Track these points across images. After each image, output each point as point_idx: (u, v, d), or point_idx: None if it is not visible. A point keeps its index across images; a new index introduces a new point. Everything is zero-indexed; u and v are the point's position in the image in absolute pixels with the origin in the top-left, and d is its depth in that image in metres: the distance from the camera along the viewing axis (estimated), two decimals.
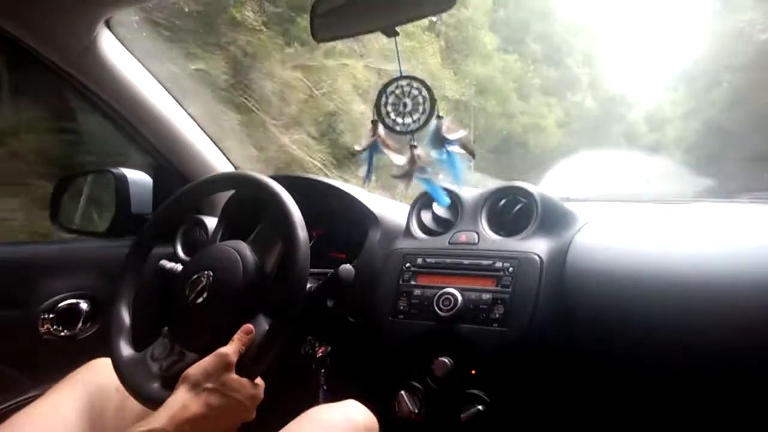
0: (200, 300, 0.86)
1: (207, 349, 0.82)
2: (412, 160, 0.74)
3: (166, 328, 0.91)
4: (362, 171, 0.78)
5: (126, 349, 0.91)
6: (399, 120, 0.73)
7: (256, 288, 0.87)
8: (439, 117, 0.72)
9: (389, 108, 0.74)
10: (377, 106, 0.74)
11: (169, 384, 0.83)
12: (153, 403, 0.81)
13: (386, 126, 0.74)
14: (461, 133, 0.73)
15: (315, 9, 0.79)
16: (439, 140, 0.72)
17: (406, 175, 0.74)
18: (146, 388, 0.85)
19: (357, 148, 0.76)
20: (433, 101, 0.72)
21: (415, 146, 0.74)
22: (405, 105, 0.73)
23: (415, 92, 0.72)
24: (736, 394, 0.84)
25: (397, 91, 0.73)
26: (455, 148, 0.73)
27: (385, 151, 0.75)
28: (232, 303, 0.86)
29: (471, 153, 0.74)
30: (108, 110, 1.30)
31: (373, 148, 0.75)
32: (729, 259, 0.91)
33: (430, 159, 0.74)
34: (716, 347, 0.85)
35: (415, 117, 0.72)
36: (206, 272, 0.88)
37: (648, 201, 1.50)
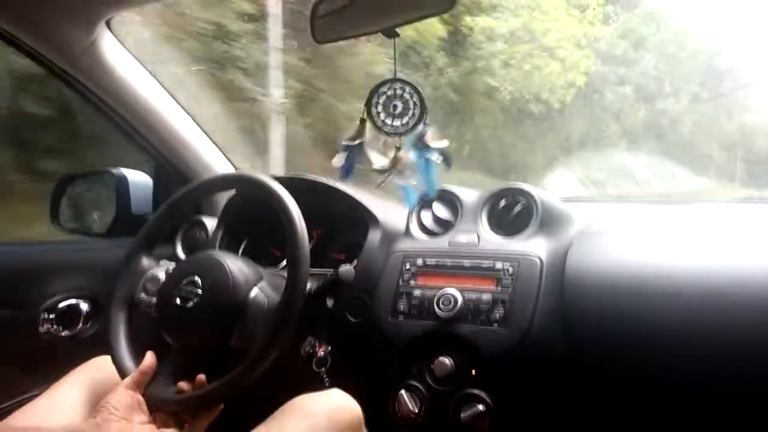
0: (190, 305, 0.88)
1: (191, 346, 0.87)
2: (395, 161, 0.75)
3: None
4: (338, 162, 0.79)
5: (125, 350, 0.92)
6: (388, 121, 0.74)
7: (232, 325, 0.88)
8: (425, 124, 0.73)
9: (380, 108, 0.74)
10: (368, 105, 0.74)
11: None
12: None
13: (375, 125, 0.75)
14: (444, 143, 0.74)
15: (315, 10, 0.79)
16: (422, 145, 0.73)
17: (385, 172, 0.75)
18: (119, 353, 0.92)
19: (343, 142, 0.77)
20: (423, 107, 0.73)
21: (399, 148, 0.74)
22: (395, 107, 0.74)
23: (406, 96, 0.73)
24: (735, 398, 0.84)
25: (389, 93, 0.74)
26: (434, 157, 0.74)
27: (368, 150, 0.76)
28: (212, 325, 0.89)
29: (448, 164, 0.75)
30: (108, 111, 1.30)
31: (357, 146, 0.76)
32: (732, 260, 0.91)
33: (411, 163, 0.75)
34: (719, 347, 0.85)
35: (404, 120, 0.73)
36: (196, 278, 0.90)
37: (649, 202, 1.50)
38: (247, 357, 0.82)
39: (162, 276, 0.97)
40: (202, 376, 0.86)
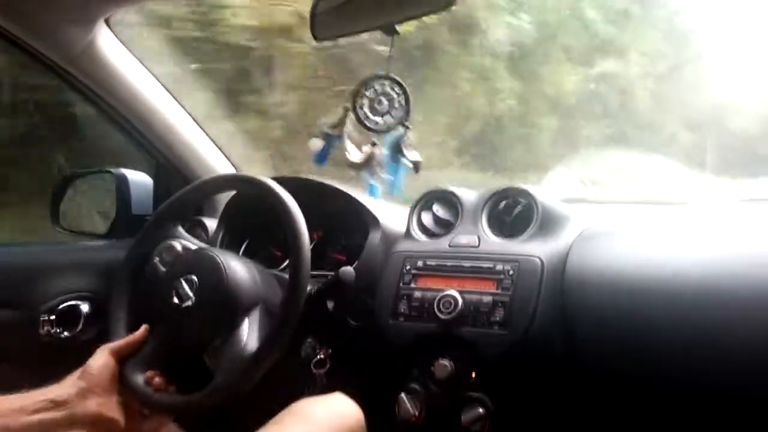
0: (185, 305, 0.87)
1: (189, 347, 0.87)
2: (369, 158, 0.74)
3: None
4: (315, 146, 0.78)
5: (122, 312, 0.94)
6: (370, 116, 0.73)
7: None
8: (406, 127, 0.72)
9: (365, 101, 0.73)
10: (354, 95, 0.74)
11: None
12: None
13: (357, 118, 0.74)
14: (416, 156, 0.75)
15: (315, 7, 0.79)
16: (397, 148, 0.73)
17: (359, 168, 0.75)
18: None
19: (324, 129, 0.76)
20: (407, 110, 0.72)
21: (375, 144, 0.74)
22: (380, 102, 0.73)
23: (393, 95, 0.72)
24: (736, 397, 0.83)
25: (378, 88, 0.73)
26: (406, 162, 0.73)
27: (347, 141, 0.75)
28: (201, 334, 0.88)
29: (417, 170, 0.76)
30: (108, 110, 1.30)
31: (337, 136, 0.76)
32: (732, 260, 0.90)
33: (383, 162, 0.74)
34: (720, 347, 0.84)
35: (386, 119, 0.73)
36: (194, 279, 0.89)
37: (651, 203, 1.49)
38: (212, 382, 0.82)
39: (179, 248, 0.96)
40: (158, 380, 0.85)
